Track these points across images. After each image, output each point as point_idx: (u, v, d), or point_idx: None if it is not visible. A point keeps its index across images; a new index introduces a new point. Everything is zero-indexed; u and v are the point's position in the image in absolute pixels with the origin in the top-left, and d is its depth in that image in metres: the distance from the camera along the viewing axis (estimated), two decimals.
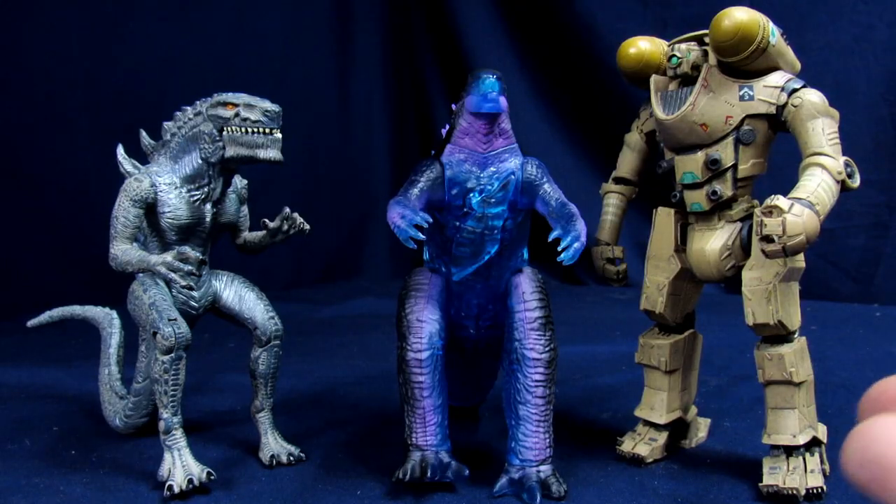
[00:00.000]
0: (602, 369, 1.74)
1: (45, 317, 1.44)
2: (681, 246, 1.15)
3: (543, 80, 3.30)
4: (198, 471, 1.04)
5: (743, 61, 1.02)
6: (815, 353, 1.06)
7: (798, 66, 1.09)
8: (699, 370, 1.25)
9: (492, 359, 1.18)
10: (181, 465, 1.04)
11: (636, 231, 2.21)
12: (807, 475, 1.01)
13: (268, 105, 1.07)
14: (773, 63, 1.04)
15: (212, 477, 1.04)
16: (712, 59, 1.06)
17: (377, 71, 3.64)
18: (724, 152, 1.05)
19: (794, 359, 1.02)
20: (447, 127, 1.07)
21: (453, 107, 1.06)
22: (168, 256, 1.01)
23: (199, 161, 1.10)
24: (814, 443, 1.04)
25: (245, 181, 1.23)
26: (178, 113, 1.14)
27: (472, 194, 1.01)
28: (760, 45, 0.99)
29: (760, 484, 1.01)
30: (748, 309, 1.04)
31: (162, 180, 1.11)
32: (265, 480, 1.10)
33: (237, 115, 1.06)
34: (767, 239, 0.91)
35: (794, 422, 1.02)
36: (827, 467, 1.06)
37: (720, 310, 2.02)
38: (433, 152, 1.07)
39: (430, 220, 0.97)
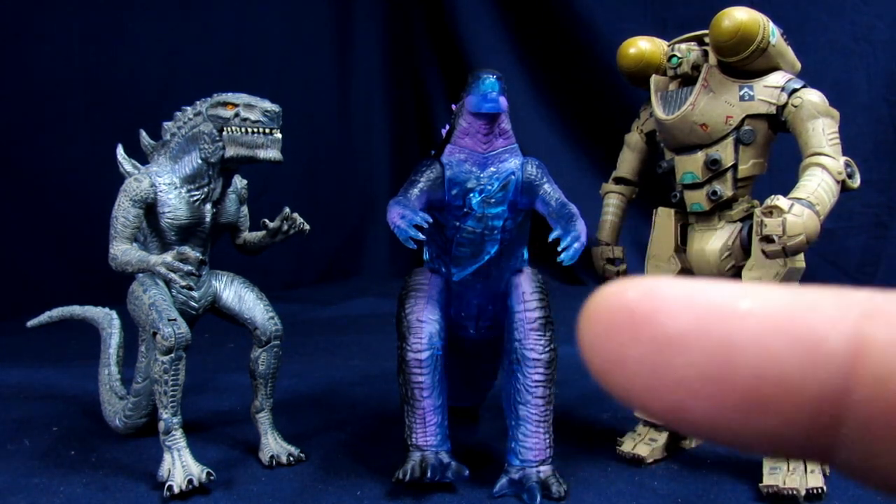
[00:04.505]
0: None
1: (44, 317, 1.43)
2: (681, 246, 1.15)
3: (543, 80, 3.30)
4: (197, 471, 1.04)
5: (743, 61, 1.02)
6: None
7: (798, 66, 1.09)
8: None
9: (492, 359, 1.18)
10: (181, 466, 1.04)
11: (636, 231, 2.21)
12: (807, 475, 1.01)
13: (268, 105, 1.07)
14: (773, 63, 1.04)
15: (211, 477, 1.04)
16: (712, 59, 1.06)
17: (377, 71, 3.64)
18: (725, 152, 1.05)
19: None
20: (447, 127, 1.07)
21: (453, 107, 1.06)
22: (168, 256, 1.01)
23: (199, 161, 1.10)
24: None
25: (245, 181, 1.23)
26: (178, 113, 1.14)
27: (472, 194, 1.01)
28: (760, 45, 0.99)
29: (761, 484, 1.01)
30: None
31: (162, 180, 1.11)
32: (265, 480, 1.10)
33: (237, 115, 1.06)
34: (767, 239, 0.91)
35: None
36: (827, 468, 1.06)
37: None
38: (433, 152, 1.07)
39: (430, 220, 0.97)
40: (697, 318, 0.18)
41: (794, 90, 1.03)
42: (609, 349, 0.19)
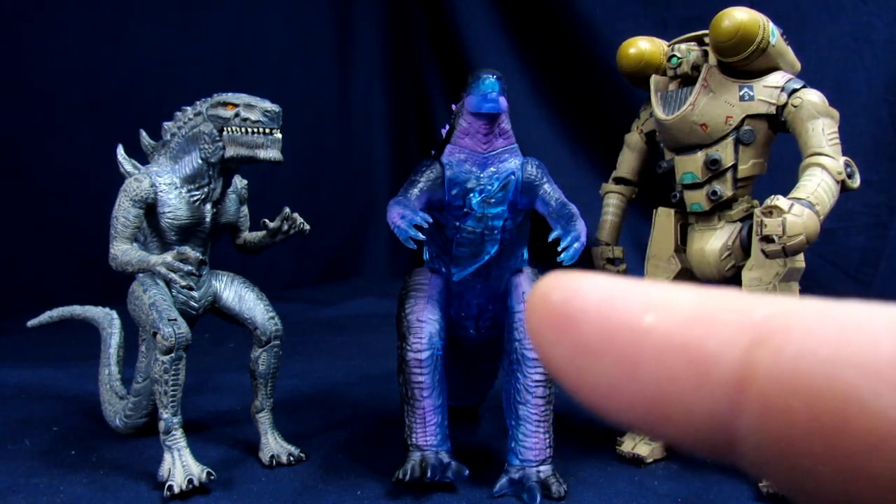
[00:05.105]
0: None
1: (45, 317, 1.43)
2: (681, 246, 1.15)
3: (543, 80, 3.30)
4: (198, 471, 1.04)
5: (743, 61, 1.02)
6: None
7: (798, 66, 1.09)
8: None
9: (492, 359, 1.18)
10: (181, 466, 1.04)
11: (636, 231, 2.21)
12: None
13: (268, 105, 1.07)
14: (773, 63, 1.04)
15: (212, 477, 1.04)
16: (712, 59, 1.06)
17: (377, 71, 3.64)
18: (724, 152, 1.05)
19: None
20: (447, 127, 1.07)
21: (453, 107, 1.06)
22: (168, 256, 1.01)
23: (199, 161, 1.10)
24: None
25: (245, 181, 1.23)
26: (178, 113, 1.14)
27: (472, 194, 1.01)
28: (760, 45, 1.00)
29: (760, 484, 1.01)
30: None
31: (162, 180, 1.11)
32: (265, 480, 1.10)
33: (237, 115, 1.06)
34: (767, 239, 0.91)
35: None
36: None
37: None
38: (433, 152, 1.07)
39: (430, 220, 0.97)
40: (607, 329, 0.19)
41: (794, 90, 1.03)
42: (542, 342, 0.20)
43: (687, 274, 1.14)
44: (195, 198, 1.12)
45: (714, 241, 1.08)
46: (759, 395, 0.17)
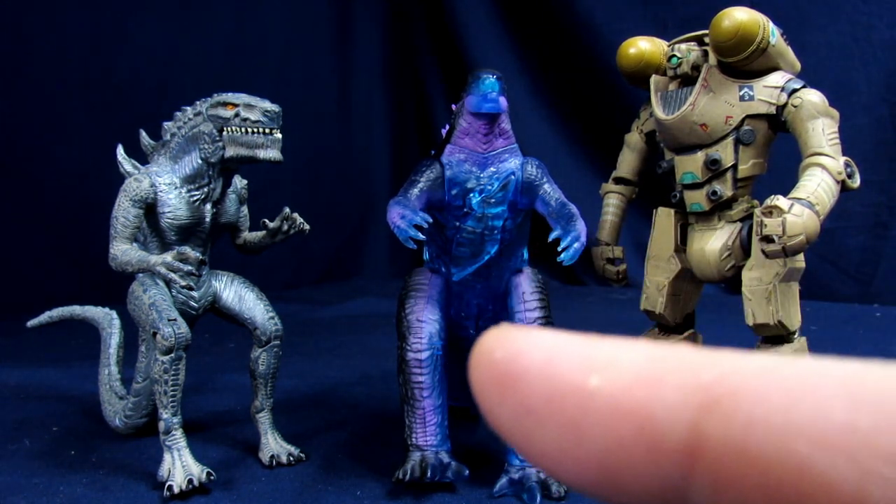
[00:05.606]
0: None
1: (44, 317, 1.43)
2: (681, 246, 1.15)
3: (543, 80, 3.31)
4: (197, 471, 1.04)
5: (743, 61, 1.02)
6: (815, 353, 1.06)
7: (798, 66, 1.09)
8: None
9: None
10: (181, 466, 1.04)
11: (636, 231, 2.21)
12: None
13: (268, 105, 1.07)
14: (773, 63, 1.04)
15: (211, 477, 1.04)
16: (712, 59, 1.06)
17: (377, 71, 3.64)
18: (724, 152, 1.05)
19: None
20: (447, 127, 1.07)
21: (453, 107, 1.06)
22: (168, 256, 1.01)
23: (199, 161, 1.10)
24: None
25: (245, 181, 1.23)
26: (177, 113, 1.14)
27: (472, 194, 1.01)
28: (760, 45, 1.00)
29: None
30: (748, 309, 1.03)
31: (162, 180, 1.11)
32: (265, 480, 1.10)
33: (237, 115, 1.06)
34: (767, 239, 0.91)
35: None
36: None
37: (720, 310, 2.02)
38: (433, 152, 1.07)
39: (430, 220, 0.97)
40: (551, 391, 0.18)
41: (794, 90, 1.03)
42: (486, 401, 0.20)
43: (687, 274, 1.14)
44: (195, 198, 1.12)
45: (714, 241, 1.08)
46: (711, 465, 0.16)
